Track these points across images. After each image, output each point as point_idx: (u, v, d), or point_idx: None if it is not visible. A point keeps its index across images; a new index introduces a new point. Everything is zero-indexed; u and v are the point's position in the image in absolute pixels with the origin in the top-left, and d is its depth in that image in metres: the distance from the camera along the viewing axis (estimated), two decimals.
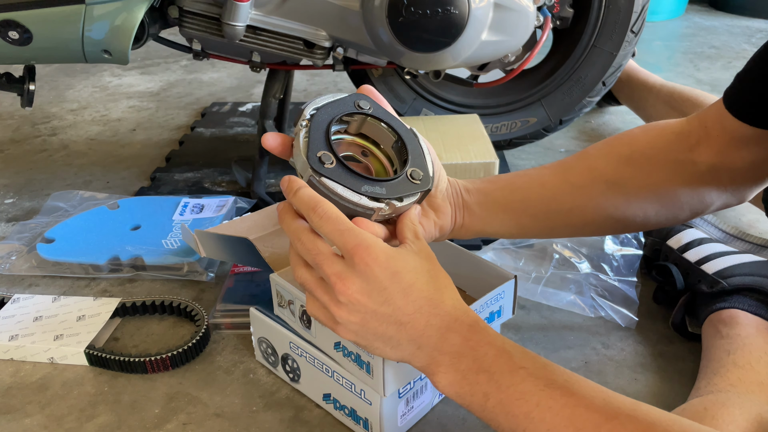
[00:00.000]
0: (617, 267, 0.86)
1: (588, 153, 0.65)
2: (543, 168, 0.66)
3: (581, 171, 0.64)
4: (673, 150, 0.61)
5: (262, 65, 1.01)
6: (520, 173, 0.66)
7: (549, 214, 0.64)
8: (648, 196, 0.62)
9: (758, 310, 0.70)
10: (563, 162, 0.66)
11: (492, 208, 0.64)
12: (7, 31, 0.88)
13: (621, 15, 1.07)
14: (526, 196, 0.64)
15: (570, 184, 0.63)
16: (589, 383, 0.47)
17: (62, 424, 0.67)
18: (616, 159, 0.63)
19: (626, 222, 0.64)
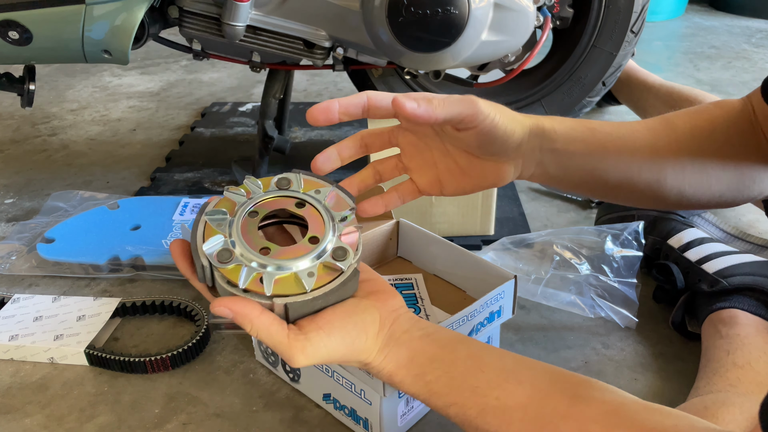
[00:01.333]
0: (617, 268, 0.86)
1: (674, 123, 0.62)
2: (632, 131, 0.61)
3: (669, 141, 0.61)
4: (743, 131, 0.60)
5: (262, 65, 1.01)
6: (612, 133, 0.61)
7: (631, 184, 0.61)
8: (719, 175, 0.61)
9: (758, 309, 0.70)
10: (650, 128, 0.62)
11: (572, 172, 0.60)
12: (7, 31, 0.88)
13: (621, 15, 1.07)
14: (613, 165, 0.60)
15: (659, 154, 0.60)
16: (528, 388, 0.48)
17: (62, 424, 0.67)
18: (700, 133, 0.61)
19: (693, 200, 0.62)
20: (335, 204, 0.54)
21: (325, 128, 1.41)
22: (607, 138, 0.60)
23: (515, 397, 0.47)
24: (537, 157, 0.58)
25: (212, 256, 0.48)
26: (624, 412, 0.43)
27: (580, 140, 0.59)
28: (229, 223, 0.50)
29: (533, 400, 0.46)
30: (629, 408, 0.43)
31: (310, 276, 0.49)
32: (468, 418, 0.48)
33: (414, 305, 0.71)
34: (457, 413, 0.49)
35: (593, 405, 0.44)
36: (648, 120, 0.63)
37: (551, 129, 0.58)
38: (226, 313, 0.47)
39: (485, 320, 0.67)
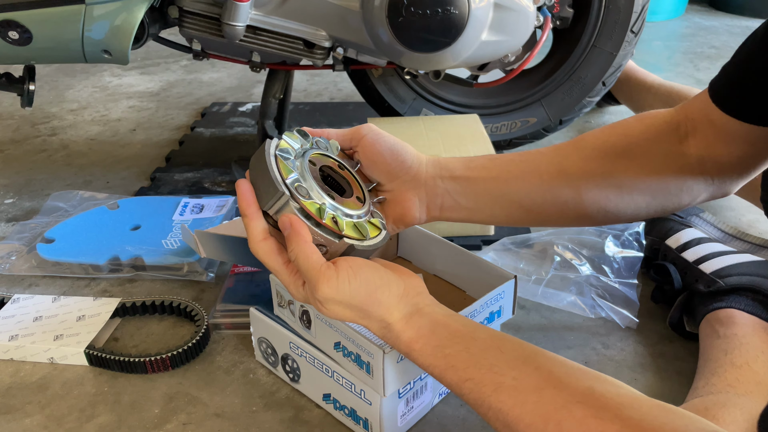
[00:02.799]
0: (618, 269, 0.86)
1: (585, 142, 0.64)
2: (538, 154, 0.64)
3: (577, 161, 0.62)
4: (665, 141, 0.61)
5: (262, 65, 1.01)
6: (515, 159, 0.64)
7: (544, 206, 0.63)
8: (641, 188, 0.61)
9: (755, 309, 0.70)
10: (559, 150, 0.64)
11: (481, 199, 0.63)
12: (7, 31, 0.88)
13: (621, 15, 1.07)
14: (520, 188, 0.62)
15: (567, 175, 0.62)
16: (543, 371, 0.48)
17: (62, 424, 0.67)
18: (612, 150, 0.62)
19: (618, 214, 0.63)
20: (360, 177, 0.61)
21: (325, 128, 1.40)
22: (509, 163, 0.63)
23: (532, 380, 0.47)
24: (441, 187, 0.62)
25: (292, 187, 0.54)
26: (638, 407, 0.43)
27: (479, 167, 0.63)
28: (295, 166, 0.56)
29: (549, 385, 0.47)
30: (643, 404, 0.43)
31: (366, 227, 0.56)
32: (482, 396, 0.49)
33: None
34: (472, 389, 0.49)
35: (608, 396, 0.44)
36: (560, 143, 0.65)
37: (447, 160, 0.63)
38: (287, 224, 0.53)
39: (485, 320, 0.67)
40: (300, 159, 0.57)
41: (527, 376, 0.48)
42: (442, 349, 0.52)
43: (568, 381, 0.47)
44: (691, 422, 0.42)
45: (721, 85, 0.57)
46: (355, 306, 0.53)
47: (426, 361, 0.52)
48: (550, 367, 0.48)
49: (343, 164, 0.60)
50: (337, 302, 0.52)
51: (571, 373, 0.47)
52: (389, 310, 0.54)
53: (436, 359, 0.52)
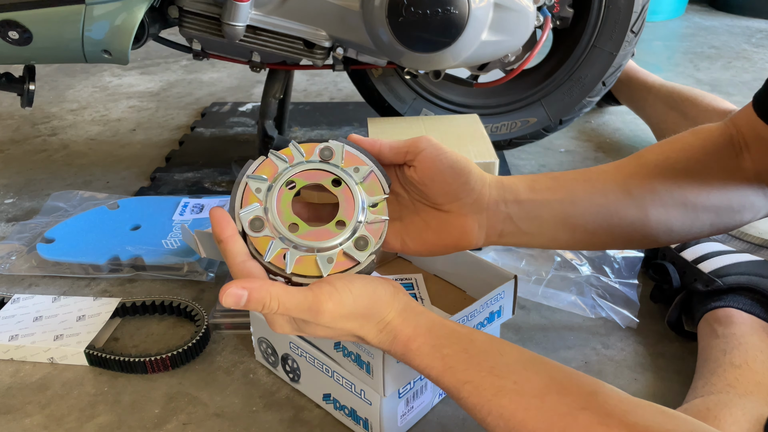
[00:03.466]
0: (618, 269, 0.86)
1: (645, 159, 0.61)
2: (602, 174, 0.60)
3: (642, 180, 0.59)
4: (723, 156, 0.59)
5: (262, 65, 1.01)
6: (578, 178, 0.60)
7: (610, 229, 0.59)
8: (705, 206, 0.59)
9: (753, 309, 0.70)
10: (621, 168, 0.61)
11: (545, 224, 0.58)
12: (7, 31, 0.88)
13: (621, 15, 1.07)
14: (586, 210, 0.58)
15: (632, 195, 0.58)
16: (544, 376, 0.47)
17: (62, 424, 0.67)
18: (674, 167, 0.59)
19: (683, 233, 0.60)
20: (370, 186, 0.55)
21: (324, 128, 1.41)
22: (573, 183, 0.59)
23: (533, 385, 0.47)
24: (503, 212, 0.57)
25: (246, 222, 0.51)
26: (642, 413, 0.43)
27: (544, 189, 0.59)
28: (268, 188, 0.53)
29: (551, 391, 0.46)
30: (647, 410, 0.43)
31: (329, 262, 0.52)
32: (482, 400, 0.47)
33: None
34: (471, 393, 0.48)
35: (611, 402, 0.44)
36: (621, 160, 0.62)
37: (511, 181, 0.59)
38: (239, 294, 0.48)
39: (485, 320, 0.67)
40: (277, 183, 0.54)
41: (528, 381, 0.47)
42: (440, 349, 0.50)
43: (570, 387, 0.46)
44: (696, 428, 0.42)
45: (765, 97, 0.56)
46: (359, 313, 0.50)
47: (423, 362, 0.51)
48: (551, 373, 0.48)
49: (341, 179, 0.55)
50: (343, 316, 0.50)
51: (572, 379, 0.47)
52: (387, 307, 0.52)
53: (433, 360, 0.50)
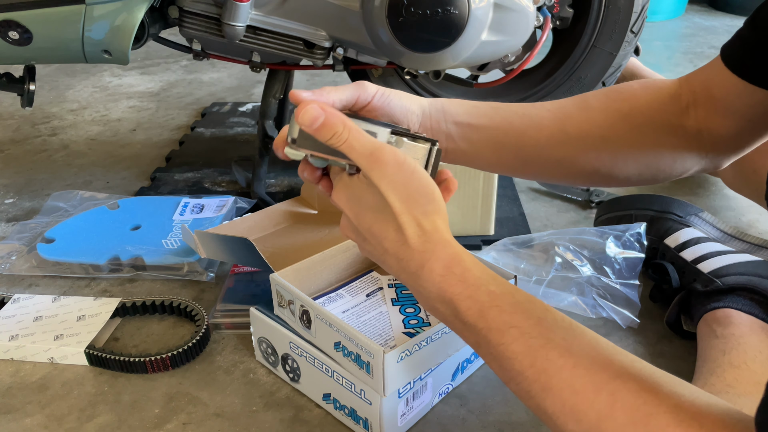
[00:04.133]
0: (619, 270, 0.86)
1: (587, 102, 0.63)
2: (542, 110, 0.63)
3: (580, 121, 0.61)
4: (667, 112, 0.60)
5: (262, 65, 1.01)
6: (518, 111, 0.63)
7: (540, 160, 0.62)
8: (636, 156, 0.61)
9: (752, 309, 0.70)
10: (562, 106, 0.63)
11: (481, 144, 0.62)
12: (7, 31, 0.88)
13: (621, 15, 1.07)
14: (521, 140, 0.61)
15: (567, 133, 0.61)
16: (589, 339, 0.44)
17: (62, 424, 0.67)
18: (615, 114, 0.61)
19: (609, 178, 0.63)
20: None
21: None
22: (512, 114, 0.62)
23: (582, 345, 0.43)
24: (444, 130, 0.60)
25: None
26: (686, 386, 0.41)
27: (482, 114, 0.61)
28: None
29: (597, 354, 0.42)
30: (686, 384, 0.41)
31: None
32: (527, 348, 0.43)
33: (414, 305, 0.71)
34: (516, 339, 0.43)
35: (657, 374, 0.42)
36: (564, 100, 0.64)
37: (451, 104, 0.61)
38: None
39: None
40: None
41: (577, 339, 0.43)
42: (487, 284, 0.46)
43: (612, 354, 0.43)
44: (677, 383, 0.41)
45: (734, 48, 0.57)
46: (413, 188, 0.48)
47: (465, 291, 0.45)
48: (593, 339, 0.44)
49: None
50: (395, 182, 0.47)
51: (612, 349, 0.44)
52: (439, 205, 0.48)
53: (478, 291, 0.45)
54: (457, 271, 0.46)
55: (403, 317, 0.69)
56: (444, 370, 0.67)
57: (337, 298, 0.73)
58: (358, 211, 0.50)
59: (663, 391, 0.40)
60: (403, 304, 0.71)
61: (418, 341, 0.61)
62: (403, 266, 0.48)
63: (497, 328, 0.44)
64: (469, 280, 0.46)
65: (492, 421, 0.67)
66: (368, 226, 0.49)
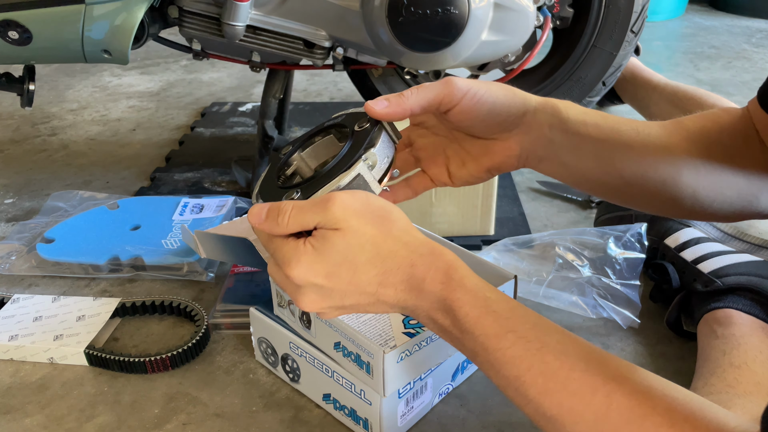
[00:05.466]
0: (620, 270, 0.85)
1: (685, 124, 0.60)
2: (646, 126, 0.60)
3: (681, 141, 0.58)
4: (748, 138, 0.59)
5: (262, 65, 1.01)
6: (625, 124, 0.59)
7: (642, 181, 0.58)
8: (732, 181, 0.59)
9: (753, 309, 0.70)
10: (664, 126, 0.60)
11: (584, 159, 0.57)
12: (7, 31, 0.88)
13: (621, 15, 1.07)
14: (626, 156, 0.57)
15: (670, 152, 0.58)
16: (583, 345, 0.45)
17: (62, 424, 0.67)
18: (708, 135, 0.59)
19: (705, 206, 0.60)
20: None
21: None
22: (621, 126, 0.58)
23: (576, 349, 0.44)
24: (546, 136, 0.56)
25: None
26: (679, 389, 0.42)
27: (593, 124, 0.57)
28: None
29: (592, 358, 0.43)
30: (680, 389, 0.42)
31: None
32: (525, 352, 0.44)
33: None
34: (514, 343, 0.44)
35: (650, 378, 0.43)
36: (660, 121, 0.62)
37: (564, 107, 0.57)
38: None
39: None
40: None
41: (573, 343, 0.44)
42: (483, 291, 0.46)
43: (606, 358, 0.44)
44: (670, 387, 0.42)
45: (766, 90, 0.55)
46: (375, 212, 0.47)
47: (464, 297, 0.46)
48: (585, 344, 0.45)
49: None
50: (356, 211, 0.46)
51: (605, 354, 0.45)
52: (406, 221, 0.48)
53: (476, 297, 0.46)
54: (456, 278, 0.47)
55: (403, 317, 0.69)
56: (444, 370, 0.67)
57: None
58: (329, 269, 0.47)
59: (657, 394, 0.40)
60: None
61: (418, 341, 0.61)
62: (400, 291, 0.48)
63: (495, 334, 0.45)
64: (468, 286, 0.46)
65: (492, 421, 0.67)
66: (349, 276, 0.47)
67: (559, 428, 0.42)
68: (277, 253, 0.49)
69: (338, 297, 0.48)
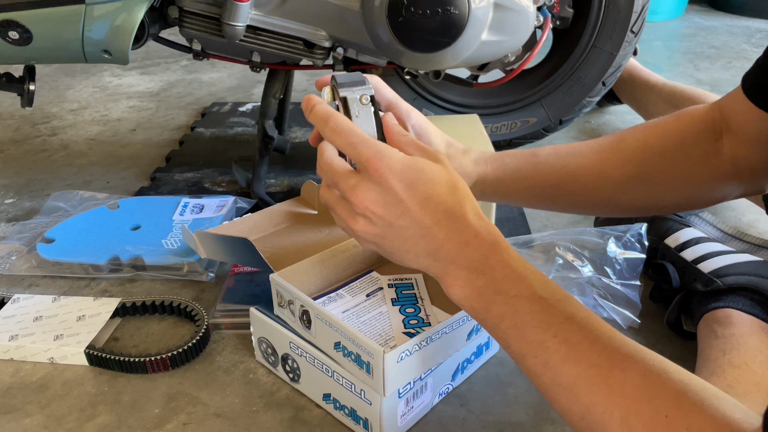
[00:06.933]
0: (620, 270, 0.85)
1: (624, 144, 0.64)
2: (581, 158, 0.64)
3: (617, 166, 0.63)
4: (701, 141, 0.60)
5: (262, 65, 1.01)
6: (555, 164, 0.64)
7: (578, 204, 0.65)
8: (672, 188, 0.62)
9: (753, 309, 0.70)
10: (600, 153, 0.64)
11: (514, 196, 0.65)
12: (7, 31, 0.88)
13: (621, 15, 1.07)
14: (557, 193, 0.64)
15: (605, 179, 0.63)
16: (607, 325, 0.46)
17: (62, 424, 0.67)
18: (650, 152, 0.62)
19: (647, 209, 0.65)
20: None
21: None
22: (549, 168, 0.64)
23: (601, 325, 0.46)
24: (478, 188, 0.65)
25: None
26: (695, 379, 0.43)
27: (522, 179, 0.64)
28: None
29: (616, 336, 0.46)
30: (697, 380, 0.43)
31: None
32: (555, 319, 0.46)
33: (414, 305, 0.71)
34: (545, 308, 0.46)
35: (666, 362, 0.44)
36: (602, 139, 0.65)
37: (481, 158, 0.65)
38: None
39: None
40: None
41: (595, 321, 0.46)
42: (523, 263, 0.49)
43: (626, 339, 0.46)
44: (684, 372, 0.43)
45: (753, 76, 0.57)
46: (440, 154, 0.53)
47: (506, 260, 0.48)
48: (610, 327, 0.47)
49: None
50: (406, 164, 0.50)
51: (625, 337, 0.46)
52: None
53: (518, 263, 0.48)
54: (504, 245, 0.49)
55: (403, 317, 0.69)
56: (444, 370, 0.67)
57: (337, 298, 0.72)
58: (414, 179, 0.49)
59: (671, 377, 0.42)
60: (403, 304, 0.71)
61: (418, 341, 0.61)
62: (453, 236, 0.49)
63: (528, 297, 0.47)
64: (512, 253, 0.49)
65: (492, 421, 0.67)
66: (425, 194, 0.49)
67: (574, 397, 0.44)
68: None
69: (398, 211, 0.49)
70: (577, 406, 0.44)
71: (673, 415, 0.40)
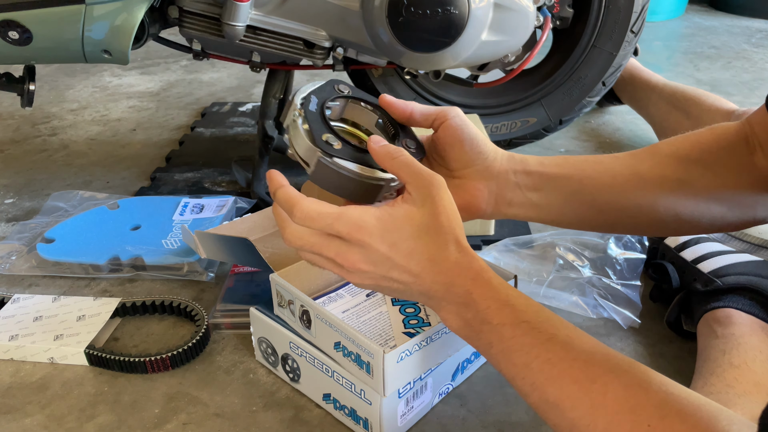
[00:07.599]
0: (620, 270, 0.86)
1: (658, 148, 0.63)
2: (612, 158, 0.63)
3: (653, 167, 0.61)
4: (737, 152, 0.60)
5: (262, 65, 1.01)
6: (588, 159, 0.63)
7: (617, 207, 0.62)
8: (716, 197, 0.60)
9: (752, 309, 0.70)
10: (634, 155, 0.63)
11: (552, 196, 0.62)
12: (7, 31, 0.88)
13: (621, 15, 1.07)
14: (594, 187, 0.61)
15: (641, 177, 0.61)
16: (590, 340, 0.48)
17: (62, 424, 0.67)
18: (687, 158, 0.61)
19: (693, 223, 0.62)
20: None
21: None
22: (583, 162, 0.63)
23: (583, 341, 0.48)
24: (512, 180, 0.61)
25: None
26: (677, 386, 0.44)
27: (553, 164, 0.62)
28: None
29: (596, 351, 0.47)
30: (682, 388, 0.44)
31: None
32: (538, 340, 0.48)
33: (414, 305, 0.71)
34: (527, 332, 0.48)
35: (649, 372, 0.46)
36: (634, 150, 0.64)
37: (521, 155, 0.63)
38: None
39: None
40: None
41: (578, 338, 0.48)
42: (506, 290, 0.51)
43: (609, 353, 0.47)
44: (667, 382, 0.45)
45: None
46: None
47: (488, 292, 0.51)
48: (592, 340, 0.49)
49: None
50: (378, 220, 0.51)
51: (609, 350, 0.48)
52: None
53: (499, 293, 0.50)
54: (485, 277, 0.51)
55: (403, 317, 0.69)
56: (444, 370, 0.67)
57: (337, 298, 0.72)
58: (395, 239, 0.51)
59: (653, 388, 0.43)
60: (403, 304, 0.71)
61: (418, 341, 0.61)
62: (438, 279, 0.52)
63: (511, 323, 0.49)
64: (493, 283, 0.51)
65: (492, 421, 0.67)
66: (408, 250, 0.51)
67: (560, 413, 0.46)
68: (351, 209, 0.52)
69: (387, 267, 0.52)
70: (564, 422, 0.46)
71: (655, 424, 0.41)
